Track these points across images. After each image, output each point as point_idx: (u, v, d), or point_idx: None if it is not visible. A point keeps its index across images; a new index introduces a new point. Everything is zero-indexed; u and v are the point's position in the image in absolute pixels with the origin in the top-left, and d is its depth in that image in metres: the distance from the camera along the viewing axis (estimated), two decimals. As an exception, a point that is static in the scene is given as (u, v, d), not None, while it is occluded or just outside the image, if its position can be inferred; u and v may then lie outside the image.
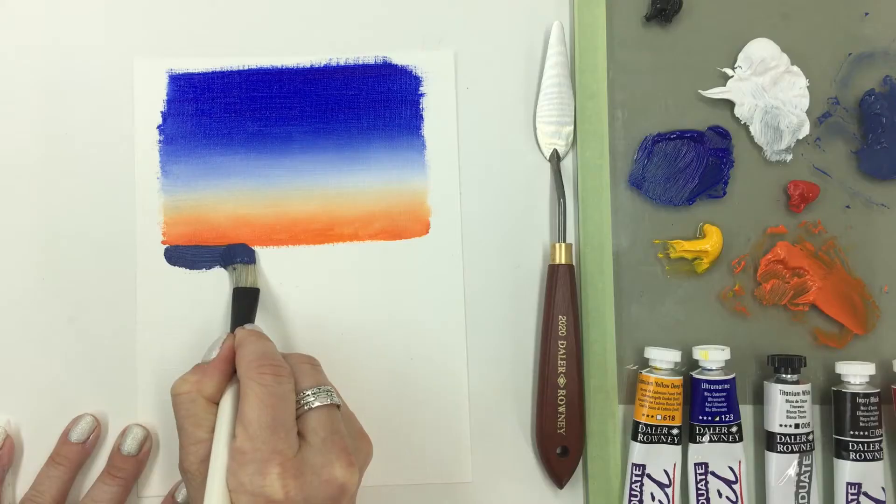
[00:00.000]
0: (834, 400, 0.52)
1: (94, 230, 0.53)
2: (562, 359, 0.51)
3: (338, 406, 0.43)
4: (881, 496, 0.50)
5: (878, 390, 0.51)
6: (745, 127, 0.55)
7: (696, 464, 0.51)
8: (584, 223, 0.54)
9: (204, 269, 0.53)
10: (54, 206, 0.53)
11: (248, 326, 0.48)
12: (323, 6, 0.55)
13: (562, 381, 0.51)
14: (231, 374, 0.45)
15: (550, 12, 0.56)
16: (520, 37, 0.55)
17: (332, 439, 0.41)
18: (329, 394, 0.43)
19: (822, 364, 0.54)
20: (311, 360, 0.45)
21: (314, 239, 0.53)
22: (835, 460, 0.51)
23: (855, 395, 0.50)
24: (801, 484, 0.51)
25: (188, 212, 0.53)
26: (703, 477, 0.51)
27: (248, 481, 0.39)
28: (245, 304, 0.51)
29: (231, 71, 0.54)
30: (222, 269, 0.53)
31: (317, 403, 0.42)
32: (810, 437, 0.51)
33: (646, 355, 0.52)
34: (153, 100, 0.54)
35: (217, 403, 0.44)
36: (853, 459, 0.50)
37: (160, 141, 0.54)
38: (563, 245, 0.52)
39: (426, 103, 0.55)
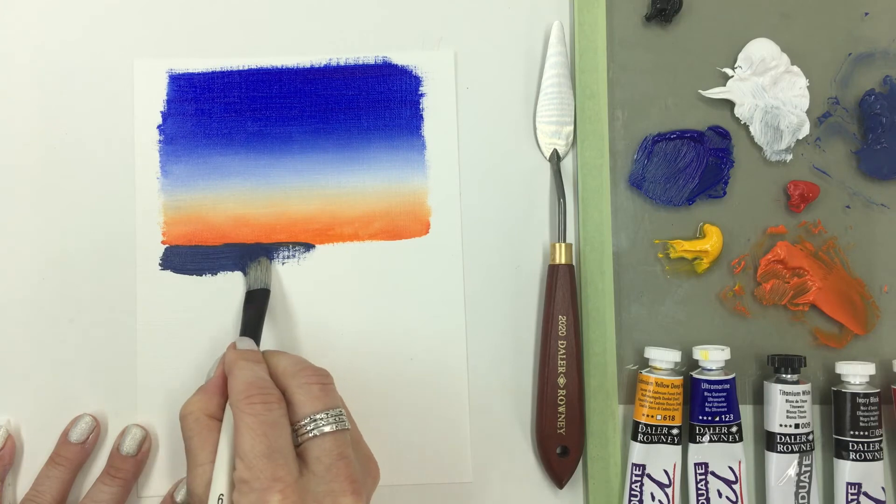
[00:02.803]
0: (834, 400, 0.52)
1: (94, 230, 0.53)
2: (562, 359, 0.51)
3: (346, 430, 0.42)
4: (881, 496, 0.50)
5: (878, 390, 0.51)
6: (745, 127, 0.55)
7: (696, 464, 0.51)
8: (584, 223, 0.54)
9: (204, 269, 0.53)
10: (54, 207, 0.53)
11: (240, 344, 0.46)
12: (323, 6, 0.55)
13: (562, 381, 0.51)
14: None
15: (550, 12, 0.56)
16: (520, 37, 0.55)
17: (337, 466, 0.40)
18: (338, 418, 0.41)
19: (822, 364, 0.54)
20: (322, 379, 0.43)
21: (314, 239, 0.53)
22: (835, 460, 0.51)
23: (855, 395, 0.50)
24: (801, 484, 0.51)
25: (188, 212, 0.53)
26: (703, 477, 0.51)
27: None
28: (253, 307, 0.50)
29: (231, 71, 0.54)
30: (222, 270, 0.53)
31: (326, 429, 0.41)
32: (810, 437, 0.51)
33: (646, 355, 0.52)
34: (153, 100, 0.54)
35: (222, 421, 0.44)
36: (853, 459, 0.50)
37: (160, 141, 0.54)
38: (563, 245, 0.52)
39: (426, 103, 0.55)
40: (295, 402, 0.42)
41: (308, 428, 0.41)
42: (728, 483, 0.51)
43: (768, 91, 0.55)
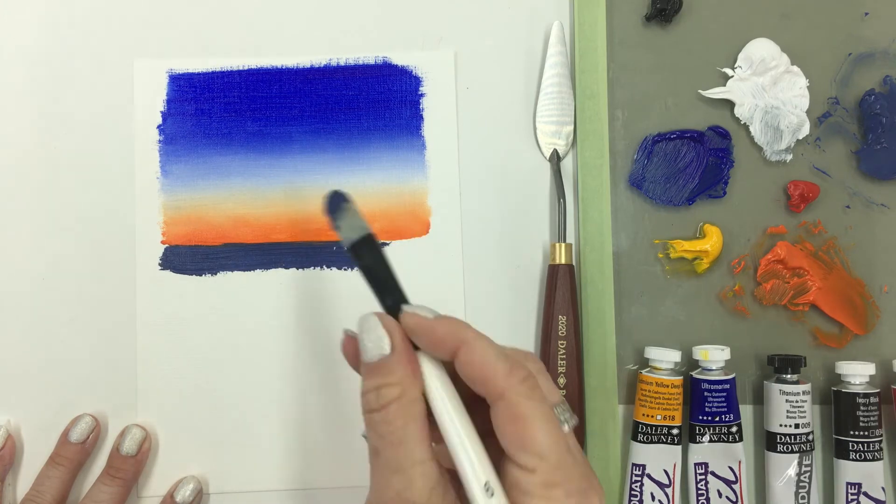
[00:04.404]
0: (834, 400, 0.52)
1: (93, 230, 0.53)
2: (562, 359, 0.51)
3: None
4: (881, 496, 0.50)
5: (878, 390, 0.51)
6: (745, 127, 0.55)
7: (696, 464, 0.51)
8: (584, 223, 0.54)
9: (204, 269, 0.53)
10: (54, 206, 0.53)
11: (410, 310, 0.37)
12: (323, 6, 0.55)
13: (562, 381, 0.51)
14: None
15: (550, 12, 0.56)
16: (520, 37, 0.55)
17: (586, 462, 0.34)
18: (571, 412, 0.36)
19: (822, 364, 0.54)
20: (545, 369, 0.37)
21: (314, 239, 0.53)
22: (835, 460, 0.51)
23: (855, 395, 0.50)
24: (801, 484, 0.51)
25: (188, 212, 0.53)
26: (703, 477, 0.51)
27: None
28: (373, 261, 0.38)
29: (231, 71, 0.54)
30: (222, 270, 0.53)
31: (572, 423, 0.35)
32: (810, 437, 0.51)
33: (646, 355, 0.52)
34: (153, 100, 0.54)
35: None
36: (853, 459, 0.50)
37: (160, 141, 0.54)
38: (563, 245, 0.52)
39: (426, 103, 0.55)
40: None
41: (562, 420, 0.35)
42: (728, 483, 0.51)
43: (768, 91, 0.55)
